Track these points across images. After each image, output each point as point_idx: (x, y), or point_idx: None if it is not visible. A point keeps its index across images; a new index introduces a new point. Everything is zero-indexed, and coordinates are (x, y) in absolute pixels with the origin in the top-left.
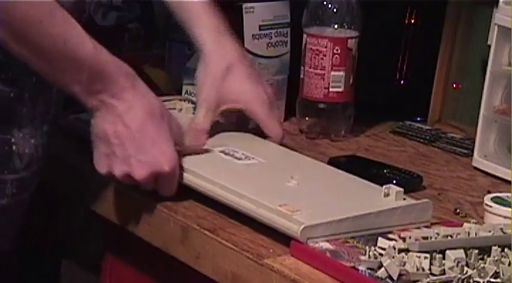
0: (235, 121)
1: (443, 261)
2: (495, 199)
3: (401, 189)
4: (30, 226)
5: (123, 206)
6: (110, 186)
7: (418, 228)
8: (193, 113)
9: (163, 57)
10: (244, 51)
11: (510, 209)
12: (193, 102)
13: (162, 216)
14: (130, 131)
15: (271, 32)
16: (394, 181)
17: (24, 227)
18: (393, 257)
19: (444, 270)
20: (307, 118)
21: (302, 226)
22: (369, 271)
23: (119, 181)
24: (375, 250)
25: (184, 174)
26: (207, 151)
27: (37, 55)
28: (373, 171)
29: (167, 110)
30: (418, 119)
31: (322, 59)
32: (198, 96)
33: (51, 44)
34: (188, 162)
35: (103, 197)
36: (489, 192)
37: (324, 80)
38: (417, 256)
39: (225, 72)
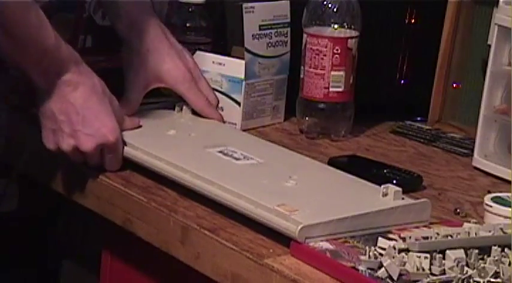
0: None
1: (443, 261)
2: (495, 199)
3: (400, 189)
4: (30, 226)
5: (122, 206)
6: (110, 186)
7: (418, 227)
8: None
9: None
10: (164, 28)
11: (510, 209)
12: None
13: (162, 216)
14: (75, 107)
15: (271, 32)
16: (394, 181)
17: (24, 228)
18: (393, 257)
19: (444, 270)
20: (307, 118)
21: (300, 226)
22: (369, 271)
23: (68, 158)
24: (375, 250)
25: (183, 175)
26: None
27: (11, 40)
28: (373, 171)
29: (109, 92)
30: (418, 118)
31: (322, 59)
32: (125, 80)
33: (25, 33)
34: (187, 162)
35: (103, 197)
36: (489, 192)
37: (324, 80)
38: (417, 256)
39: (145, 55)
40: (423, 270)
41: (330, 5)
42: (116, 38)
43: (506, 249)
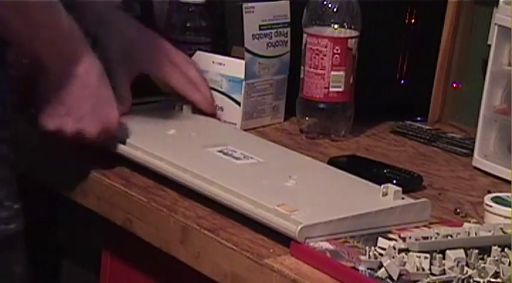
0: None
1: (443, 261)
2: (495, 199)
3: (400, 189)
4: (30, 226)
5: (122, 206)
6: (110, 186)
7: (418, 227)
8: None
9: None
10: (128, 17)
11: (510, 209)
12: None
13: (162, 216)
14: (85, 92)
15: (271, 32)
16: (394, 181)
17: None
18: (393, 257)
19: (444, 270)
20: (307, 118)
21: (300, 226)
22: (369, 271)
23: (65, 139)
24: (375, 250)
25: (183, 175)
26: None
27: (26, 22)
28: (373, 171)
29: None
30: (418, 118)
31: (322, 59)
32: (110, 80)
33: (40, 14)
34: (187, 162)
35: (103, 197)
36: (489, 192)
37: (324, 79)
38: (417, 256)
39: (118, 49)
40: (423, 270)
41: (330, 5)
42: None
43: (506, 249)
